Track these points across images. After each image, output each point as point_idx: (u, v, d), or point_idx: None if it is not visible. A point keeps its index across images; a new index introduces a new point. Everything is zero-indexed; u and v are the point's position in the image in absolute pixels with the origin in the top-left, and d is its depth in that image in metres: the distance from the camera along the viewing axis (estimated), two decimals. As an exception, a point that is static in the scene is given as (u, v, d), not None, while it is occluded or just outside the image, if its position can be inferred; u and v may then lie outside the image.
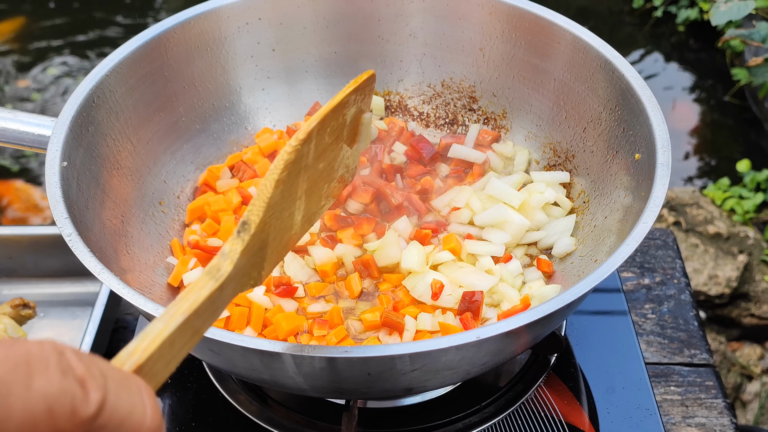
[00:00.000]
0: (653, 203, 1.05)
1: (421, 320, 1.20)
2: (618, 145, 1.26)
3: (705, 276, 2.78)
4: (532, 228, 1.34)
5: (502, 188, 1.35)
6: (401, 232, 1.34)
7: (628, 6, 4.56)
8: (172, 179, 1.41)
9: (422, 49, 1.51)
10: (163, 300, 1.25)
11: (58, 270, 1.61)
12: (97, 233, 1.16)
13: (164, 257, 1.33)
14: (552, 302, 0.94)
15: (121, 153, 1.29)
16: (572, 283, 1.24)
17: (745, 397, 2.59)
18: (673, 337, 1.51)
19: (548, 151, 1.44)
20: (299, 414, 1.23)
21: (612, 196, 1.27)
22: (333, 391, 1.07)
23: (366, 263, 1.29)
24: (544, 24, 1.36)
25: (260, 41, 1.48)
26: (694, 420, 1.39)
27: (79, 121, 1.20)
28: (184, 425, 1.25)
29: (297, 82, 1.55)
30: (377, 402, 1.26)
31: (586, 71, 1.32)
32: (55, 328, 1.55)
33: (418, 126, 1.58)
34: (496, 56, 1.45)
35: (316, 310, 1.25)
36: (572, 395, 1.28)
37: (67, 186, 1.11)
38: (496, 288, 1.26)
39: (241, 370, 1.02)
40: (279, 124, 1.54)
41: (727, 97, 3.92)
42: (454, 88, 1.53)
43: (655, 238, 1.69)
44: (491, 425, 1.22)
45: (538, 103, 1.44)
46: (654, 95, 1.20)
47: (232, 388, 1.26)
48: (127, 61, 1.30)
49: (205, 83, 1.45)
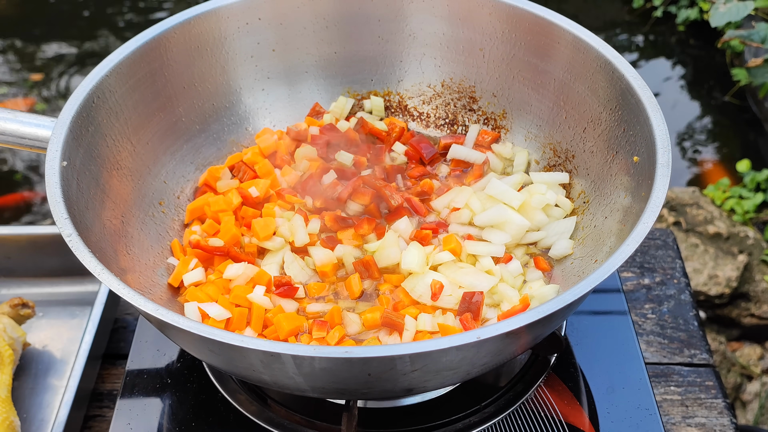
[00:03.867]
0: (653, 204, 1.05)
1: (421, 321, 1.20)
2: (618, 146, 1.26)
3: (705, 276, 2.78)
4: (532, 228, 1.34)
5: (502, 189, 1.35)
6: (401, 233, 1.34)
7: (628, 6, 4.57)
8: (172, 179, 1.41)
9: (422, 49, 1.51)
10: (163, 300, 1.25)
11: (57, 270, 1.61)
12: (97, 233, 1.16)
13: (164, 258, 1.33)
14: (552, 303, 0.94)
15: (121, 153, 1.29)
16: (572, 283, 1.24)
17: (745, 397, 2.59)
18: (673, 337, 1.51)
19: (548, 151, 1.44)
20: (299, 414, 1.23)
21: (612, 197, 1.27)
22: (333, 392, 1.07)
23: (366, 264, 1.29)
24: (544, 24, 1.36)
25: (260, 41, 1.48)
26: (694, 420, 1.39)
27: (79, 122, 1.20)
28: (184, 425, 1.25)
29: (297, 83, 1.55)
30: (377, 402, 1.26)
31: (586, 71, 1.32)
32: (54, 328, 1.55)
33: (418, 126, 1.58)
34: (496, 56, 1.45)
35: (316, 310, 1.25)
36: (572, 395, 1.28)
37: (67, 186, 1.11)
38: (496, 288, 1.26)
39: (241, 370, 1.02)
40: (279, 124, 1.54)
41: (727, 97, 3.92)
42: (454, 89, 1.53)
43: (655, 238, 1.69)
44: (491, 425, 1.22)
45: (538, 104, 1.44)
46: (654, 95, 1.20)
47: (232, 388, 1.26)
48: (127, 62, 1.30)
49: (205, 83, 1.44)
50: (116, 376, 1.49)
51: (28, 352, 1.49)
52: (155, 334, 1.37)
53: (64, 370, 1.48)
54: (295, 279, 1.30)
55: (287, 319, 1.21)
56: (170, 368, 1.33)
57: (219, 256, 1.31)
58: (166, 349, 1.36)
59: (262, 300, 1.24)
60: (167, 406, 1.28)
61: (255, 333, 1.22)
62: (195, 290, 1.26)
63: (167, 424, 1.25)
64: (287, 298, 1.27)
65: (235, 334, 0.91)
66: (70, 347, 1.51)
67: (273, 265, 1.31)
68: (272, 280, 1.28)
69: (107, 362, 1.50)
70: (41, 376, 1.46)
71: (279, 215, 1.37)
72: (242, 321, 1.22)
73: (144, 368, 1.33)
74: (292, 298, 1.27)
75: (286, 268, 1.31)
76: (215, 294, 1.25)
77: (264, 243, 1.33)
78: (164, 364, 1.34)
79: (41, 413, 1.41)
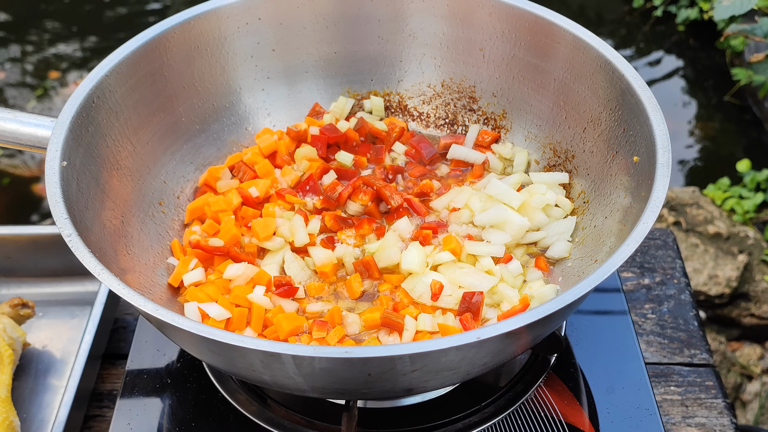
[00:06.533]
0: (653, 204, 1.05)
1: (421, 321, 1.20)
2: (618, 146, 1.26)
3: (705, 276, 2.78)
4: (532, 228, 1.34)
5: (502, 189, 1.35)
6: (401, 233, 1.34)
7: (628, 6, 4.57)
8: (172, 179, 1.41)
9: (422, 49, 1.51)
10: (163, 300, 1.25)
11: (57, 269, 1.61)
12: (97, 233, 1.16)
13: (164, 258, 1.33)
14: (552, 303, 0.94)
15: (120, 153, 1.29)
16: (572, 283, 1.24)
17: (745, 397, 2.60)
18: (673, 337, 1.51)
19: (548, 151, 1.44)
20: (299, 414, 1.23)
21: (612, 197, 1.27)
22: (333, 392, 1.07)
23: (366, 264, 1.29)
24: (544, 24, 1.35)
25: (260, 41, 1.48)
26: (694, 420, 1.39)
27: (79, 121, 1.20)
28: (184, 425, 1.25)
29: (297, 83, 1.55)
30: (377, 402, 1.26)
31: (586, 71, 1.32)
32: (54, 328, 1.55)
33: (418, 126, 1.58)
34: (496, 56, 1.45)
35: (316, 310, 1.25)
36: (572, 395, 1.28)
37: (67, 186, 1.11)
38: (496, 288, 1.26)
39: (241, 370, 1.02)
40: (279, 124, 1.54)
41: (727, 97, 3.92)
42: (454, 89, 1.53)
43: (655, 238, 1.69)
44: (491, 425, 1.22)
45: (538, 104, 1.44)
46: (654, 95, 1.20)
47: (232, 388, 1.26)
48: (127, 62, 1.30)
49: (204, 84, 1.44)
50: (116, 376, 1.49)
51: (28, 352, 1.49)
52: (155, 334, 1.37)
53: (64, 370, 1.48)
54: (295, 279, 1.30)
55: (287, 319, 1.21)
56: (170, 368, 1.33)
57: (219, 256, 1.31)
58: (166, 349, 1.36)
59: (262, 300, 1.24)
60: (167, 406, 1.28)
61: (255, 333, 1.22)
62: (195, 290, 1.26)
63: (167, 424, 1.25)
64: (287, 298, 1.27)
65: (235, 334, 0.91)
66: (70, 347, 1.51)
67: (273, 265, 1.31)
68: (272, 280, 1.28)
69: (107, 362, 1.50)
70: (41, 376, 1.46)
71: (279, 215, 1.37)
72: (242, 321, 1.22)
73: (144, 368, 1.33)
74: (292, 298, 1.27)
75: (286, 268, 1.31)
76: (215, 294, 1.25)
77: (264, 243, 1.33)
78: (164, 364, 1.34)
79: (41, 413, 1.41)
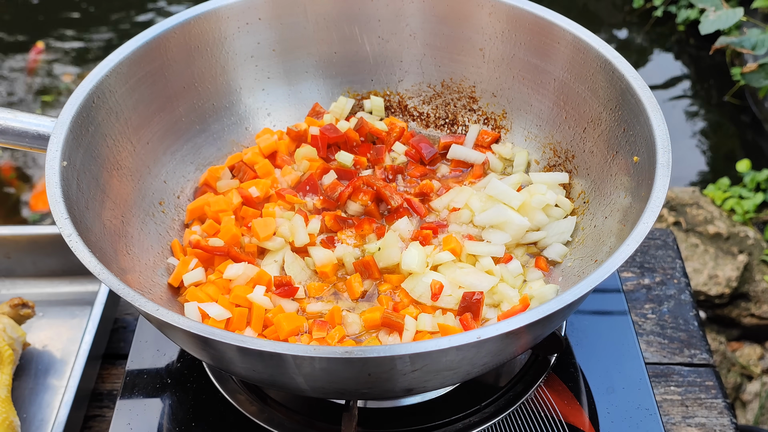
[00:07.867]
0: (653, 204, 1.05)
1: (421, 321, 1.20)
2: (618, 146, 1.26)
3: (705, 276, 2.78)
4: (532, 228, 1.34)
5: (502, 189, 1.35)
6: (401, 233, 1.34)
7: (628, 6, 4.57)
8: (172, 179, 1.41)
9: (422, 49, 1.51)
10: (163, 300, 1.25)
11: (57, 269, 1.61)
12: (97, 233, 1.16)
13: (164, 258, 1.33)
14: (552, 303, 0.94)
15: (121, 153, 1.29)
16: (572, 283, 1.24)
17: (745, 397, 2.60)
18: (673, 337, 1.51)
19: (548, 151, 1.44)
20: (299, 414, 1.23)
21: (612, 197, 1.27)
22: (333, 392, 1.07)
23: (366, 264, 1.29)
24: (544, 24, 1.35)
25: (260, 41, 1.48)
26: (694, 420, 1.39)
27: (79, 122, 1.20)
28: (184, 425, 1.25)
29: (297, 83, 1.55)
30: (377, 402, 1.26)
31: (586, 71, 1.32)
32: (54, 328, 1.55)
33: (418, 126, 1.58)
34: (496, 56, 1.45)
35: (316, 310, 1.25)
36: (572, 395, 1.28)
37: (67, 186, 1.11)
38: (496, 288, 1.26)
39: (241, 370, 1.02)
40: (279, 124, 1.54)
41: (726, 97, 3.92)
42: (454, 89, 1.53)
43: (655, 238, 1.69)
44: (491, 425, 1.22)
45: (538, 104, 1.44)
46: (654, 95, 1.20)
47: (232, 388, 1.26)
48: (127, 62, 1.30)
49: (205, 83, 1.45)
50: (116, 376, 1.49)
51: (28, 352, 1.49)
52: (155, 334, 1.37)
53: (64, 370, 1.48)
54: (295, 279, 1.30)
55: (287, 319, 1.21)
56: (170, 368, 1.33)
57: (219, 256, 1.31)
58: (166, 349, 1.36)
59: (262, 300, 1.24)
60: (167, 406, 1.28)
61: (255, 333, 1.22)
62: (195, 290, 1.26)
63: (167, 424, 1.25)
64: (287, 298, 1.27)
65: (235, 334, 0.91)
66: (70, 347, 1.51)
67: (273, 265, 1.31)
68: (272, 280, 1.28)
69: (107, 362, 1.50)
70: (41, 376, 1.46)
71: (279, 215, 1.37)
72: (242, 321, 1.22)
73: (144, 368, 1.33)
74: (292, 298, 1.27)
75: (286, 268, 1.31)
76: (215, 294, 1.25)
77: (264, 243, 1.33)
78: (164, 364, 1.34)
79: (41, 413, 1.41)
